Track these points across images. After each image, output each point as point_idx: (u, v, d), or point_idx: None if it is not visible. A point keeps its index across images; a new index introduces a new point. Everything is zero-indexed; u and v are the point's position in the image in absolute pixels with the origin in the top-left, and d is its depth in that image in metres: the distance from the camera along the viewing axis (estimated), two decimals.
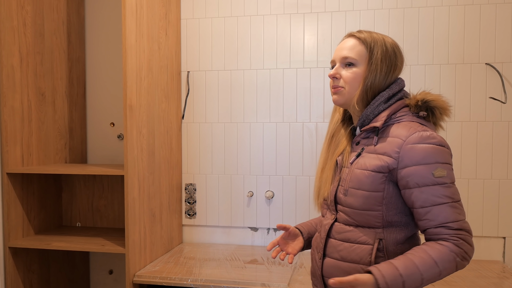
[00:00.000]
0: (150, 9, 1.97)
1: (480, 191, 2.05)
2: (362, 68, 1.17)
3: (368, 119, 1.18)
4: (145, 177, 1.95)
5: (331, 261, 1.20)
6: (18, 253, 2.00)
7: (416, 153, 1.07)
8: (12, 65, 1.95)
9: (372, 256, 1.12)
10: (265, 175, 2.24)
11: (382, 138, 1.14)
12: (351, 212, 1.16)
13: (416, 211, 1.09)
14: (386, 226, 1.13)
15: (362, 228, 1.15)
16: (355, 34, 1.20)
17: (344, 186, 1.18)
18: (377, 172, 1.11)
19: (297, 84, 2.20)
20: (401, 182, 1.09)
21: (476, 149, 2.04)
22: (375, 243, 1.12)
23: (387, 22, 2.10)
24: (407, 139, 1.08)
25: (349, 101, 1.20)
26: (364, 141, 1.20)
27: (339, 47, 1.22)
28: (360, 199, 1.13)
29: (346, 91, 1.18)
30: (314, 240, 1.30)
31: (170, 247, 2.21)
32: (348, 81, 1.18)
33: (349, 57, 1.18)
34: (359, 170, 1.14)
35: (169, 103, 2.18)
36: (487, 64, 2.02)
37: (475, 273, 1.85)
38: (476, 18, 2.03)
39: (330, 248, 1.21)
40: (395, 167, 1.09)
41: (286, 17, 2.20)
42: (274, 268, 1.90)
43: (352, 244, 1.16)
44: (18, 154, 2.01)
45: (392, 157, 1.09)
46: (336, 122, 1.29)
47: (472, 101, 2.04)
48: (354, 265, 1.15)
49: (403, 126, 1.12)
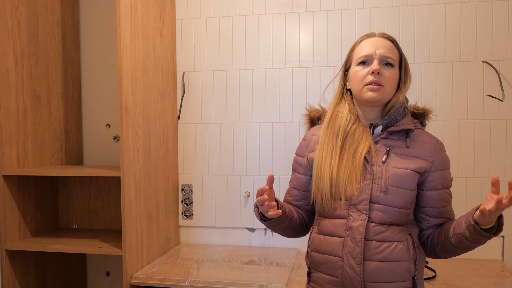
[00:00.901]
0: (144, 10, 1.96)
1: (478, 190, 2.03)
2: (397, 71, 1.23)
3: (395, 120, 1.23)
4: (142, 178, 1.94)
5: (373, 263, 1.16)
6: (15, 256, 2.00)
7: (443, 159, 1.23)
8: (6, 67, 1.94)
9: (411, 251, 1.17)
10: (262, 175, 2.23)
11: (411, 141, 1.23)
12: (391, 210, 1.17)
13: (438, 210, 1.22)
14: (408, 222, 1.22)
15: (395, 226, 1.19)
16: (388, 37, 1.26)
17: (382, 184, 1.17)
18: (416, 172, 1.19)
19: (293, 83, 2.19)
20: (430, 184, 1.21)
21: (474, 147, 2.03)
22: (407, 239, 1.18)
23: (382, 21, 2.09)
24: (436, 146, 1.23)
25: (384, 100, 1.23)
26: (384, 141, 1.23)
27: (375, 45, 1.22)
28: (401, 197, 1.18)
29: (386, 90, 1.21)
30: (336, 245, 1.19)
31: (167, 248, 2.20)
32: (389, 81, 1.21)
33: (390, 57, 1.22)
34: (399, 169, 1.18)
35: (164, 104, 2.17)
36: (484, 61, 2.01)
37: (474, 272, 1.84)
38: (472, 16, 2.02)
39: (369, 251, 1.16)
40: (429, 169, 1.20)
41: (281, 16, 2.19)
42: (271, 269, 1.89)
43: (391, 242, 1.17)
44: (14, 156, 2.00)
45: (428, 160, 1.20)
46: (347, 119, 1.24)
47: (469, 99, 2.03)
48: (396, 263, 1.16)
49: (425, 133, 1.27)
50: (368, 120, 1.26)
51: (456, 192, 2.05)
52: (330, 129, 1.25)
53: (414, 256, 1.18)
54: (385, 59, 1.21)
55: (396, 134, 1.23)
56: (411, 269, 1.17)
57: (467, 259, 2.03)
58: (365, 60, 1.22)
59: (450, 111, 2.05)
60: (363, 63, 1.23)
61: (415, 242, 1.19)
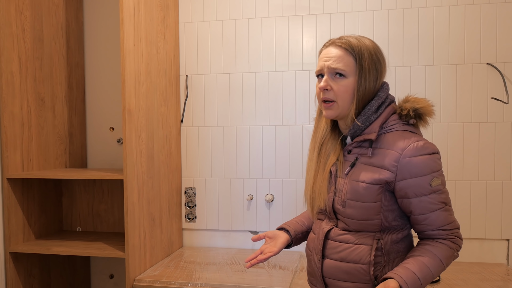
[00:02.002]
0: (148, 13, 1.97)
1: (482, 193, 2.02)
2: (351, 80, 1.15)
3: (360, 129, 1.18)
4: (145, 181, 1.94)
5: (331, 262, 1.21)
6: (19, 258, 2.01)
7: (413, 166, 1.11)
8: (11, 71, 1.96)
9: (372, 256, 1.15)
10: (265, 178, 2.23)
11: (376, 149, 1.16)
12: (351, 222, 1.19)
13: (415, 218, 1.15)
14: (383, 230, 1.18)
15: (361, 233, 1.18)
16: (341, 44, 1.17)
17: (341, 197, 1.19)
18: (374, 184, 1.13)
19: (296, 86, 2.19)
20: (400, 192, 1.14)
21: (478, 150, 2.02)
22: (373, 243, 1.16)
23: (386, 23, 2.08)
24: (403, 152, 1.11)
25: (342, 114, 1.19)
26: (356, 150, 1.21)
27: (325, 57, 1.18)
28: (359, 210, 1.16)
29: (339, 105, 1.17)
30: (311, 241, 1.30)
31: (170, 251, 2.20)
32: (339, 94, 1.16)
33: (338, 68, 1.15)
34: (356, 181, 1.16)
35: (168, 107, 2.17)
36: (488, 64, 2.00)
37: (478, 276, 1.83)
38: (476, 18, 2.01)
39: (329, 250, 1.22)
40: (393, 179, 1.12)
41: (284, 19, 2.19)
42: (274, 272, 1.88)
43: (351, 245, 1.18)
44: (18, 159, 2.01)
45: (390, 171, 1.12)
46: (323, 130, 1.26)
47: (474, 102, 2.02)
48: (354, 265, 1.17)
49: (398, 137, 1.14)
50: (343, 130, 1.25)
51: (460, 196, 2.04)
52: (313, 141, 1.31)
53: (381, 260, 1.15)
54: (333, 70, 1.15)
55: (367, 142, 1.18)
56: (370, 273, 1.14)
57: (472, 263, 2.02)
58: (320, 73, 1.20)
59: (454, 113, 2.04)
60: (320, 76, 1.20)
61: (384, 248, 1.15)
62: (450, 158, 2.03)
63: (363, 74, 1.15)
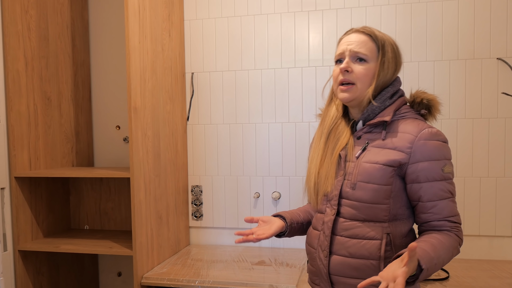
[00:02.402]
0: (153, 11, 1.96)
1: (492, 190, 1.99)
2: (372, 65, 1.18)
3: (374, 113, 1.20)
4: (151, 179, 1.94)
5: (339, 258, 1.19)
6: (28, 256, 2.02)
7: (428, 149, 1.12)
8: (17, 70, 1.96)
9: (382, 251, 1.14)
10: (271, 176, 2.22)
11: (390, 133, 1.18)
12: (360, 206, 1.17)
13: (422, 205, 1.14)
14: (391, 219, 1.16)
15: (369, 223, 1.17)
16: (364, 30, 1.21)
17: (351, 180, 1.18)
18: (388, 166, 1.14)
19: (303, 83, 2.17)
20: (411, 176, 1.14)
21: (488, 146, 1.99)
22: (383, 238, 1.14)
23: (394, 18, 2.05)
24: (418, 135, 1.13)
25: (358, 98, 1.20)
26: (367, 135, 1.22)
27: (347, 41, 1.21)
28: (370, 192, 1.15)
29: (358, 88, 1.19)
30: (314, 238, 1.27)
31: (177, 249, 2.20)
32: (359, 77, 1.18)
33: (361, 52, 1.18)
34: (369, 163, 1.16)
35: (173, 105, 2.17)
36: (498, 59, 1.96)
37: (488, 273, 1.81)
38: (486, 12, 1.97)
39: (337, 246, 1.20)
40: (406, 161, 1.13)
41: (290, 15, 2.17)
42: (282, 269, 1.88)
43: (361, 240, 1.17)
44: (26, 158, 2.02)
45: (404, 152, 1.13)
46: (333, 117, 1.27)
47: (483, 98, 1.99)
48: (363, 261, 1.16)
49: (411, 122, 1.17)
50: (354, 117, 1.26)
51: (470, 192, 2.01)
52: (320, 129, 1.30)
53: (390, 255, 1.14)
54: (355, 54, 1.18)
55: (379, 127, 1.20)
56: (380, 269, 1.13)
57: (481, 260, 1.99)
58: (340, 58, 1.23)
59: (463, 109, 2.01)
60: (339, 62, 1.23)
61: (393, 242, 1.15)
62: (460, 155, 2.01)
63: (385, 62, 1.19)
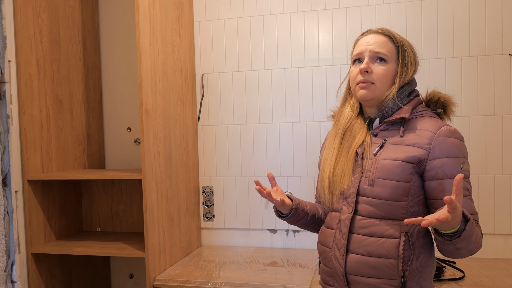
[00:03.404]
0: (163, 13, 1.97)
1: (507, 187, 1.97)
2: (392, 66, 1.20)
3: (391, 111, 1.21)
4: (163, 181, 1.95)
5: (356, 257, 1.17)
6: (41, 259, 2.03)
7: (447, 146, 1.13)
8: (29, 73, 1.98)
9: (400, 250, 1.12)
10: (282, 176, 2.21)
11: (407, 130, 1.18)
12: (378, 203, 1.16)
13: (441, 202, 1.11)
14: (409, 217, 1.14)
15: (387, 221, 1.15)
16: (382, 31, 1.22)
17: (369, 177, 1.17)
18: (407, 162, 1.13)
19: (313, 82, 2.16)
20: (430, 173, 1.13)
21: (501, 143, 1.97)
22: (401, 236, 1.13)
23: (404, 16, 2.04)
24: (437, 132, 1.14)
25: (376, 98, 1.21)
26: (383, 133, 1.22)
27: (365, 42, 1.22)
28: (389, 189, 1.14)
29: (377, 87, 1.19)
30: (329, 237, 1.24)
31: (189, 250, 2.20)
32: (379, 77, 1.19)
33: (381, 52, 1.19)
34: (388, 160, 1.15)
35: (184, 106, 2.17)
36: (510, 55, 1.94)
37: (504, 272, 1.78)
38: (497, 7, 1.95)
39: (354, 244, 1.18)
40: (425, 158, 1.13)
41: (300, 15, 2.17)
42: (294, 270, 1.87)
43: (379, 238, 1.15)
44: (38, 161, 2.03)
45: (423, 148, 1.13)
46: (348, 117, 1.27)
47: (496, 94, 1.97)
48: (382, 259, 1.14)
49: (429, 120, 1.18)
50: (372, 114, 1.27)
51: (484, 190, 1.99)
52: (334, 129, 1.30)
53: (408, 255, 1.12)
54: (376, 54, 1.20)
55: (396, 125, 1.21)
56: (398, 268, 1.12)
57: (497, 259, 1.97)
58: (358, 58, 1.24)
59: (476, 106, 1.99)
60: (358, 62, 1.24)
61: (411, 241, 1.13)
62: (473, 152, 1.99)
63: (406, 62, 1.21)
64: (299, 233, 2.22)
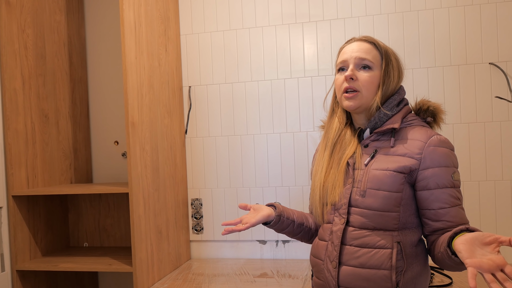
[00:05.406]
0: (149, 27, 1.98)
1: (491, 193, 2.00)
2: (377, 73, 1.20)
3: (381, 121, 1.20)
4: (150, 194, 1.93)
5: (348, 269, 1.16)
6: (26, 276, 1.99)
7: (437, 156, 1.13)
8: (14, 88, 1.97)
9: (393, 260, 1.11)
10: (271, 187, 2.22)
11: (398, 140, 1.18)
12: (370, 214, 1.15)
13: (434, 212, 1.12)
14: (401, 228, 1.15)
15: (379, 232, 1.14)
16: (366, 39, 1.23)
17: (361, 188, 1.16)
18: (399, 173, 1.13)
19: (299, 93, 2.19)
20: (421, 183, 1.13)
21: (484, 150, 2.00)
22: (394, 247, 1.12)
23: (386, 27, 2.09)
24: (428, 141, 1.14)
25: (363, 106, 1.20)
26: (374, 143, 1.21)
27: (351, 49, 1.21)
28: (380, 199, 1.13)
29: (363, 95, 1.19)
30: (321, 249, 1.24)
31: (178, 263, 2.18)
32: (365, 84, 1.18)
33: (367, 59, 1.19)
34: (379, 170, 1.15)
35: (171, 119, 2.17)
36: (490, 63, 1.99)
37: None
38: (476, 18, 2.01)
39: (346, 256, 1.17)
40: (416, 168, 1.13)
41: (285, 27, 2.20)
42: (284, 281, 1.86)
43: (371, 249, 1.14)
44: (23, 176, 2.01)
45: (414, 158, 1.13)
46: (336, 130, 1.27)
47: (478, 102, 2.01)
48: (374, 271, 1.13)
49: (419, 130, 1.18)
50: (360, 125, 1.26)
51: (469, 197, 2.01)
52: (323, 142, 1.29)
53: (402, 265, 1.12)
54: (361, 61, 1.19)
55: (386, 135, 1.20)
56: (392, 279, 1.11)
57: None
58: (343, 66, 1.23)
59: (459, 114, 2.03)
60: (342, 70, 1.24)
61: (404, 251, 1.13)
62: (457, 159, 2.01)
63: (389, 70, 1.20)
64: (289, 243, 2.22)
